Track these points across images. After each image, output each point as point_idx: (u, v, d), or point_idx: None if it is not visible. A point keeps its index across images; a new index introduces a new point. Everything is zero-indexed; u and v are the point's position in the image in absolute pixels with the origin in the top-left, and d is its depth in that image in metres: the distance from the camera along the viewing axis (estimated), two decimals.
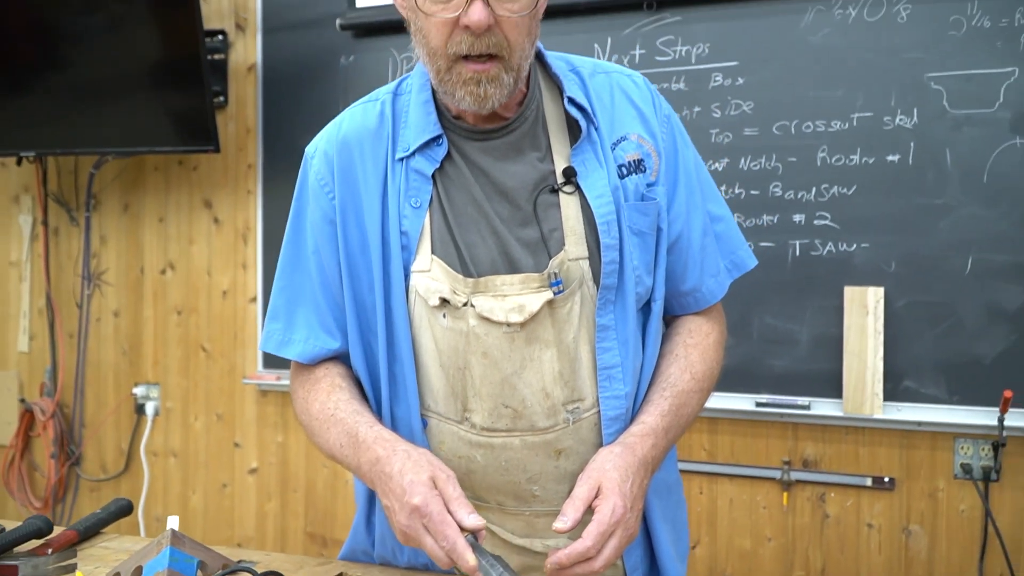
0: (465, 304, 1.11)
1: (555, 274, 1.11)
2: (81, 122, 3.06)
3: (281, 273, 1.26)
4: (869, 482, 2.48)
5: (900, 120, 2.40)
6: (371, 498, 1.27)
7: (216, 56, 3.04)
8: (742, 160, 2.54)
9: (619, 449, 1.08)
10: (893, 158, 2.41)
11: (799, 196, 2.49)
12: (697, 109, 2.57)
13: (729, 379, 2.52)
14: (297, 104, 3.04)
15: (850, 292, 2.42)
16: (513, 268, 1.12)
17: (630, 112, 1.20)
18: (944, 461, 2.43)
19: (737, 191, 2.54)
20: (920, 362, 2.40)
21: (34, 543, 1.23)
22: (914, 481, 2.46)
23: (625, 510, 1.01)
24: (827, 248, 2.47)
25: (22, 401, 3.40)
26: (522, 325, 1.10)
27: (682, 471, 2.58)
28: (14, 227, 3.47)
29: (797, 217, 2.50)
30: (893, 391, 2.42)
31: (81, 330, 3.37)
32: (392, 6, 2.67)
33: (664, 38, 2.60)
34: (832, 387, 2.45)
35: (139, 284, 3.34)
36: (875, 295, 2.40)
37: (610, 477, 1.04)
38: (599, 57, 2.66)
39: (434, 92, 1.17)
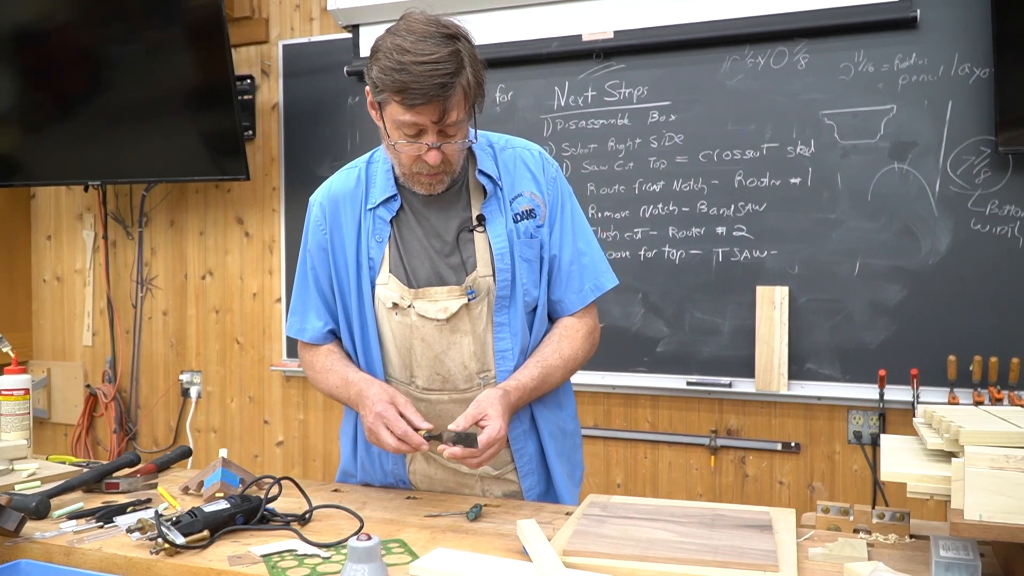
0: (409, 306, 1.64)
1: (470, 286, 1.63)
2: (135, 153, 3.48)
3: (296, 284, 1.79)
4: (779, 447, 2.93)
5: (800, 149, 2.85)
6: (354, 438, 1.80)
7: (245, 97, 3.54)
8: (675, 182, 2.99)
9: (499, 393, 1.54)
10: (795, 181, 2.86)
11: (721, 212, 2.94)
12: (638, 140, 3.04)
13: (666, 363, 3.01)
14: (313, 137, 3.52)
15: (761, 291, 2.87)
16: (442, 282, 1.64)
17: (526, 176, 1.70)
18: (840, 429, 2.87)
19: (671, 208, 3.00)
20: (818, 348, 2.84)
21: (126, 471, 1.79)
22: (816, 446, 2.90)
23: (503, 432, 1.51)
24: (743, 255, 2.92)
25: (88, 387, 3.91)
26: (447, 320, 1.63)
27: (629, 440, 3.10)
28: (79, 241, 3.97)
29: (719, 229, 2.95)
30: (797, 371, 2.85)
31: (136, 327, 3.86)
32: None
33: (611, 82, 3.07)
34: (748, 369, 2.89)
35: (183, 288, 3.81)
36: (781, 293, 2.85)
37: (496, 409, 1.50)
38: (559, 97, 3.15)
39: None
